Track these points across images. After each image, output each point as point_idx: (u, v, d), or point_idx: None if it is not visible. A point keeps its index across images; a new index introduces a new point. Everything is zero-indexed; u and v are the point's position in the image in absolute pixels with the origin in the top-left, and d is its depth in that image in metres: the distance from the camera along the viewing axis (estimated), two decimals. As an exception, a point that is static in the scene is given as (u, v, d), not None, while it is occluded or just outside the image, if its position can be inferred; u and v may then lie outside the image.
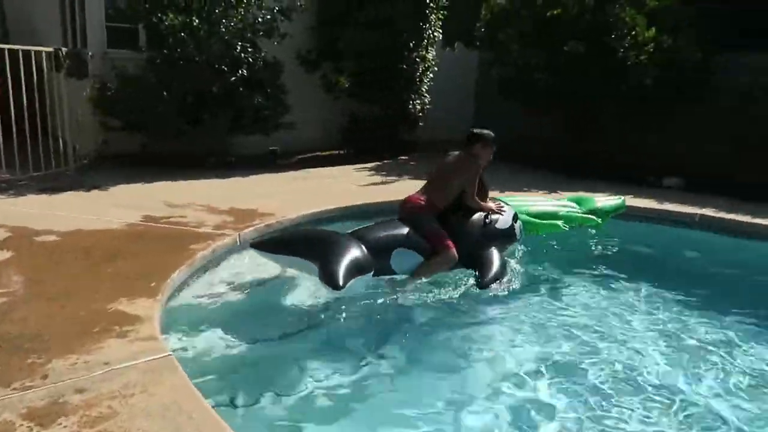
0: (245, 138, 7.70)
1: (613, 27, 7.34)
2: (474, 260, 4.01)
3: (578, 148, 8.14)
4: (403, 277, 3.86)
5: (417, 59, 8.98)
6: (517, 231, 4.46)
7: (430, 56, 9.29)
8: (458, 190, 4.15)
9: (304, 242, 3.83)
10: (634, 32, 7.27)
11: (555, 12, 7.69)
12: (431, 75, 9.44)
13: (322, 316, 3.50)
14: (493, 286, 3.84)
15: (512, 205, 4.60)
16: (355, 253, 3.56)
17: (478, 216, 4.25)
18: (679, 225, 5.67)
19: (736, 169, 7.10)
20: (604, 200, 5.21)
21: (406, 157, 9.11)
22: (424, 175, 7.23)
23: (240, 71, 7.11)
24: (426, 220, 3.98)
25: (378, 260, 3.69)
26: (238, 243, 4.34)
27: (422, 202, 4.06)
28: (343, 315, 3.50)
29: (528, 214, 4.63)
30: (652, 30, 7.23)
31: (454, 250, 3.91)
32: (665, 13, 7.40)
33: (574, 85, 7.61)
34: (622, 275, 4.40)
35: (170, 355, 2.50)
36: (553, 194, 6.27)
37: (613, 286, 4.24)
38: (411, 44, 8.81)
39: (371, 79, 8.71)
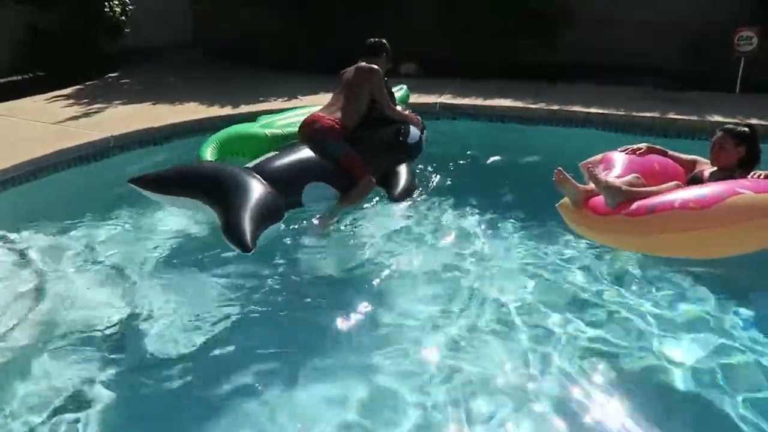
0: None
1: None
2: (385, 177, 3.84)
3: (311, 41, 7.49)
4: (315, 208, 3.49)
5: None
6: (424, 143, 4.21)
7: (118, -58, 7.51)
8: (366, 104, 3.86)
9: (197, 180, 3.18)
10: None
11: None
12: (125, -33, 7.70)
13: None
14: (404, 199, 3.72)
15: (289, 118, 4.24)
16: (263, 198, 3.03)
17: (390, 131, 3.98)
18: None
19: (457, 52, 7.22)
20: None
21: (116, 74, 7.45)
22: (140, 97, 6.04)
23: None
24: (338, 146, 3.62)
25: (288, 198, 3.29)
26: None
27: (331, 122, 3.67)
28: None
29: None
30: None
31: (371, 177, 3.64)
32: None
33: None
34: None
35: None
36: (310, 97, 5.65)
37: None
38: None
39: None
